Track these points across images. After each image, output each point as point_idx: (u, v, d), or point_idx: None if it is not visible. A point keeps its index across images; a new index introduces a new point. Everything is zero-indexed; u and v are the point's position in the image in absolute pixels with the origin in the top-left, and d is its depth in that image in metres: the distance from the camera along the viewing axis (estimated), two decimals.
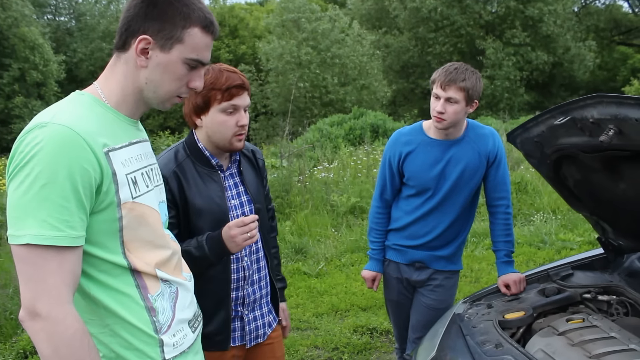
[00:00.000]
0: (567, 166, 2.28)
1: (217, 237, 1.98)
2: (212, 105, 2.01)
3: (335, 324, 4.56)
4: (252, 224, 1.96)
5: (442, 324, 2.42)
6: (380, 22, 34.71)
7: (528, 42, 30.55)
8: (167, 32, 1.37)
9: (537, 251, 6.23)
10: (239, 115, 2.04)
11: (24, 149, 1.23)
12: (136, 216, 1.39)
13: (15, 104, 23.49)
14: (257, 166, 2.29)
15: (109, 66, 1.45)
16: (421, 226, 2.77)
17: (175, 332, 1.50)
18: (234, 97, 2.01)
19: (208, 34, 1.42)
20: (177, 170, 2.04)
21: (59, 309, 1.21)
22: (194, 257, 1.96)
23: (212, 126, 2.04)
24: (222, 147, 2.09)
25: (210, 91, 1.98)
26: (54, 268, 1.22)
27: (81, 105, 1.37)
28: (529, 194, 8.29)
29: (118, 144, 1.38)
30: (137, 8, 1.37)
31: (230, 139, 2.05)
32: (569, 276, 2.60)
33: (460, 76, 2.53)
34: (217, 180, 2.10)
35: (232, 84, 2.00)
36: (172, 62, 1.39)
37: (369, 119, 16.33)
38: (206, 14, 1.41)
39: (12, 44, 24.41)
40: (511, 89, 30.29)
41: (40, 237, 1.19)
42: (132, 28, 1.38)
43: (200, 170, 2.08)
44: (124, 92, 1.43)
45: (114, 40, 1.46)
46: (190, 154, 2.10)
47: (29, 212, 1.20)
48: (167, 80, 1.42)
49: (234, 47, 36.19)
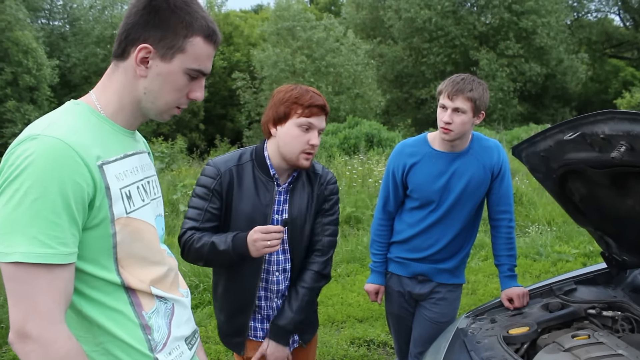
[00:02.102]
0: (573, 181, 2.26)
1: (242, 237, 2.04)
2: (291, 117, 2.09)
3: (332, 335, 4.52)
4: (276, 234, 2.00)
5: (446, 338, 2.39)
6: (374, 32, 34.94)
7: (521, 53, 30.86)
8: (169, 41, 1.32)
9: (533, 263, 6.23)
10: (312, 134, 2.12)
11: (14, 161, 1.17)
12: (131, 232, 1.34)
13: (8, 108, 23.31)
14: (318, 192, 2.27)
15: (107, 75, 1.40)
16: (424, 239, 2.74)
17: (171, 350, 1.45)
18: (312, 116, 2.10)
19: (210, 43, 1.38)
20: (234, 169, 2.16)
21: (51, 330, 1.16)
22: (218, 250, 2.06)
23: (284, 138, 2.11)
24: (288, 161, 2.15)
25: (292, 104, 2.08)
26: (45, 287, 1.16)
27: (75, 115, 1.32)
28: (524, 206, 8.31)
29: (112, 156, 1.33)
30: (138, 15, 1.32)
31: (298, 154, 2.12)
32: (573, 291, 2.58)
33: (468, 86, 2.51)
34: (269, 189, 2.17)
35: (315, 103, 2.09)
36: (172, 72, 1.34)
37: (364, 128, 16.33)
38: (209, 22, 1.36)
39: (6, 47, 24.26)
40: (505, 100, 30.50)
41: (31, 254, 1.14)
42: (132, 36, 1.32)
43: (257, 175, 2.17)
44: (121, 102, 1.38)
45: (112, 48, 1.41)
46: (254, 159, 2.19)
47: (19, 229, 1.14)
48: (166, 91, 1.37)
49: (229, 54, 36.19)
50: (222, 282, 2.26)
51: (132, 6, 1.34)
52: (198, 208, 2.14)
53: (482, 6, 32.38)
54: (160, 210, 1.56)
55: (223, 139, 25.83)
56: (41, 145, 1.17)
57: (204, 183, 2.15)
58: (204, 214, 2.13)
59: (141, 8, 1.32)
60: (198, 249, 2.09)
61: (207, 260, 2.15)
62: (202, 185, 2.16)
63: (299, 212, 2.22)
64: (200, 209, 2.14)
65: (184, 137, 24.12)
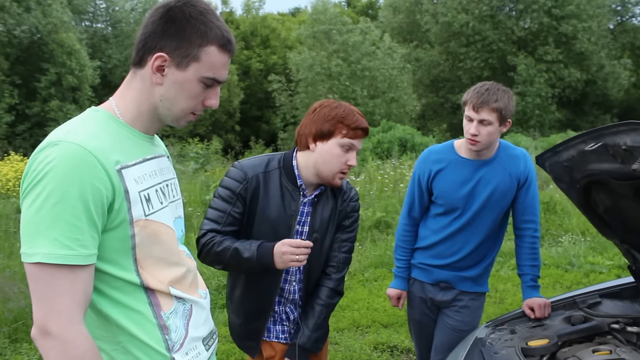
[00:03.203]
0: (597, 192, 2.23)
1: (269, 248, 2.04)
2: (335, 136, 2.11)
3: (356, 340, 4.52)
4: (305, 249, 2.01)
5: (464, 347, 2.38)
6: (411, 36, 34.71)
7: (561, 59, 30.21)
8: (184, 50, 1.36)
9: (565, 273, 6.10)
10: (351, 155, 2.15)
11: (36, 167, 1.23)
12: (149, 234, 1.38)
13: (51, 107, 24.00)
14: (341, 207, 2.28)
15: (126, 82, 1.46)
16: (448, 246, 2.73)
17: (188, 350, 1.49)
18: (356, 138, 2.13)
19: (225, 52, 1.41)
20: (261, 175, 2.15)
21: (70, 329, 1.22)
22: (242, 257, 2.06)
23: (324, 156, 2.12)
24: (323, 178, 2.16)
25: (338, 123, 2.09)
26: (66, 287, 1.22)
27: (95, 122, 1.37)
28: (557, 215, 8.14)
29: (131, 160, 1.37)
30: (155, 25, 1.37)
31: (335, 173, 2.14)
32: (597, 304, 2.53)
33: (493, 97, 2.49)
34: (295, 199, 2.17)
35: (360, 125, 2.12)
36: (188, 80, 1.39)
37: (398, 132, 16.29)
38: (224, 32, 1.40)
39: (51, 49, 24.97)
40: (542, 106, 29.92)
41: (52, 255, 1.20)
42: (149, 45, 1.37)
43: (284, 184, 2.17)
44: (139, 109, 1.43)
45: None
46: (282, 167, 2.19)
47: (41, 231, 1.20)
48: (182, 98, 1.41)
49: (265, 56, 36.47)
50: (240, 287, 2.26)
51: (149, 16, 1.40)
52: (220, 210, 2.13)
53: (520, 10, 31.85)
54: (180, 212, 1.60)
55: (258, 140, 26.07)
56: (62, 151, 1.23)
57: (229, 185, 2.14)
58: (227, 217, 2.12)
59: (158, 18, 1.37)
60: (219, 253, 2.09)
61: (227, 265, 2.15)
62: (226, 188, 2.14)
63: (322, 224, 2.22)
64: (223, 211, 2.13)
65: (219, 138, 24.45)
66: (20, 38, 24.45)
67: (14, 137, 23.53)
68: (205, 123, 30.68)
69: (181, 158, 14.51)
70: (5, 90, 23.64)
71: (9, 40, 24.19)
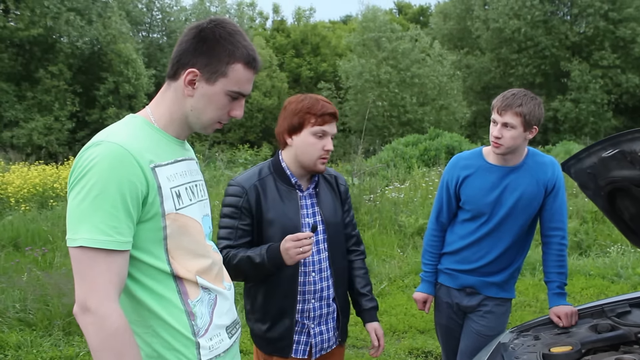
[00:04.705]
0: (621, 199, 2.22)
1: (276, 248, 2.16)
2: (305, 127, 2.25)
3: (392, 344, 4.56)
4: (306, 240, 2.11)
5: (486, 352, 2.40)
6: (462, 43, 34.35)
7: (618, 64, 29.21)
8: (213, 67, 1.53)
9: (611, 285, 5.95)
10: (326, 141, 2.28)
11: (82, 163, 1.41)
12: (179, 226, 1.53)
13: (109, 114, 24.90)
14: (338, 191, 2.46)
15: (161, 92, 1.63)
16: (474, 251, 2.76)
17: (212, 336, 1.62)
18: (325, 124, 2.26)
19: (250, 69, 1.58)
20: (257, 184, 2.28)
21: (107, 306, 1.35)
22: (255, 263, 2.18)
23: (301, 146, 2.27)
24: (306, 167, 2.30)
25: (306, 114, 2.24)
26: (103, 269, 1.36)
27: (133, 126, 1.55)
28: (606, 224, 7.91)
29: (164, 160, 1.53)
30: (189, 43, 1.55)
31: (315, 160, 2.27)
32: (626, 313, 2.49)
33: (517, 102, 2.53)
34: (294, 198, 2.30)
35: (326, 111, 2.26)
36: (216, 93, 1.56)
37: (445, 140, 16.15)
38: (249, 51, 1.57)
39: (110, 59, 26.00)
40: (597, 113, 29.01)
41: (92, 240, 1.35)
42: (183, 61, 1.55)
43: (280, 187, 2.30)
44: (171, 117, 1.60)
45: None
46: (273, 172, 2.33)
47: (84, 219, 1.36)
48: (210, 109, 1.58)
49: (315, 64, 36.85)
50: (261, 293, 2.31)
51: (184, 35, 1.59)
52: (229, 227, 2.25)
53: (575, 15, 31.04)
54: (207, 210, 1.74)
55: None
56: (104, 149, 1.41)
57: (231, 202, 2.26)
58: (236, 231, 2.24)
59: (191, 37, 1.55)
60: (236, 265, 2.19)
61: (247, 276, 2.27)
62: (229, 205, 2.27)
63: (334, 212, 2.37)
64: (231, 227, 2.25)
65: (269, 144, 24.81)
66: (82, 49, 25.65)
67: (74, 142, 24.55)
68: (255, 130, 31.22)
69: (231, 164, 14.82)
70: (68, 98, 24.82)
71: (72, 51, 25.39)
